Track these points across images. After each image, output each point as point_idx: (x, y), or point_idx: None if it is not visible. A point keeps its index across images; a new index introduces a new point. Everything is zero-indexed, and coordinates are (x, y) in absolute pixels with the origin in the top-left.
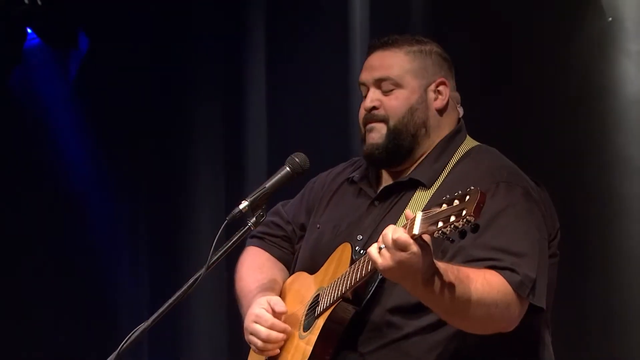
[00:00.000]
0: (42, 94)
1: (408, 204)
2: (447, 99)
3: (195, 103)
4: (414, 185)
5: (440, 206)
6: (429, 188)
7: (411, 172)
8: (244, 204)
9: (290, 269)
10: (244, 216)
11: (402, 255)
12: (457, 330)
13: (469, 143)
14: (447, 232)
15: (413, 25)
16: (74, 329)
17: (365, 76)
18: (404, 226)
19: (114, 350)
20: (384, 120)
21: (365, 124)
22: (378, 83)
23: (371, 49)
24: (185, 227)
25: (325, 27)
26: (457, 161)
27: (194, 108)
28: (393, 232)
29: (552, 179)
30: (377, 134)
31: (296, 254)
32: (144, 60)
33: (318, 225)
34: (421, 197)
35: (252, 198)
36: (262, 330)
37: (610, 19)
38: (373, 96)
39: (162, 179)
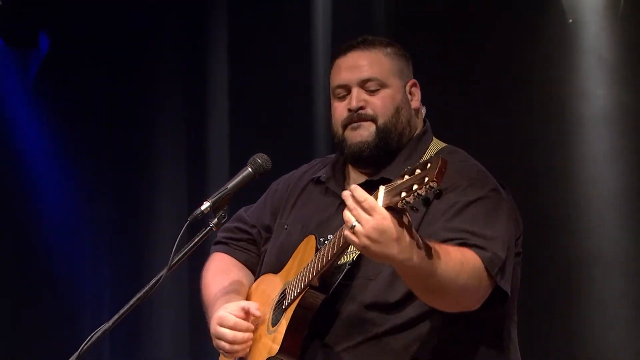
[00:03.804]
0: (2, 94)
1: None
2: (419, 99)
3: (157, 103)
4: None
5: (402, 177)
6: None
7: (382, 171)
8: (205, 205)
9: (257, 271)
10: (205, 217)
11: (374, 219)
12: (433, 326)
13: (436, 144)
14: (411, 202)
15: (376, 26)
16: (34, 330)
17: (348, 77)
18: None
19: (75, 352)
20: (372, 119)
21: (347, 124)
22: (363, 83)
23: (347, 49)
24: (146, 228)
25: (288, 27)
26: None
27: (155, 108)
28: (358, 195)
29: (511, 178)
30: (366, 131)
31: (262, 255)
32: (104, 61)
33: (286, 227)
34: None
35: (214, 199)
36: (227, 333)
37: (571, 20)
38: (359, 96)
39: (123, 179)
